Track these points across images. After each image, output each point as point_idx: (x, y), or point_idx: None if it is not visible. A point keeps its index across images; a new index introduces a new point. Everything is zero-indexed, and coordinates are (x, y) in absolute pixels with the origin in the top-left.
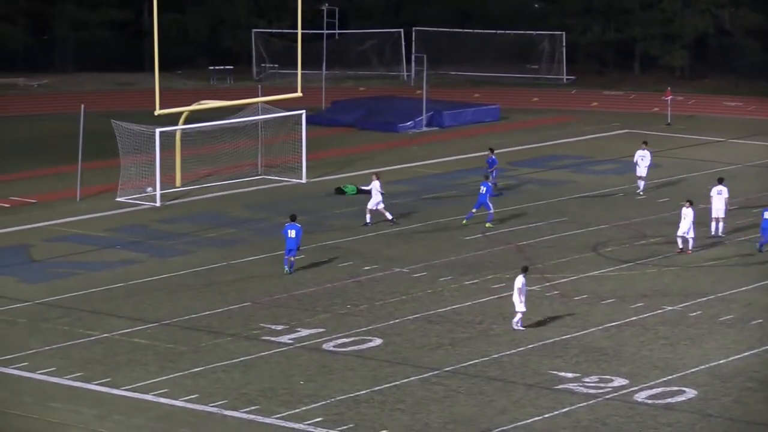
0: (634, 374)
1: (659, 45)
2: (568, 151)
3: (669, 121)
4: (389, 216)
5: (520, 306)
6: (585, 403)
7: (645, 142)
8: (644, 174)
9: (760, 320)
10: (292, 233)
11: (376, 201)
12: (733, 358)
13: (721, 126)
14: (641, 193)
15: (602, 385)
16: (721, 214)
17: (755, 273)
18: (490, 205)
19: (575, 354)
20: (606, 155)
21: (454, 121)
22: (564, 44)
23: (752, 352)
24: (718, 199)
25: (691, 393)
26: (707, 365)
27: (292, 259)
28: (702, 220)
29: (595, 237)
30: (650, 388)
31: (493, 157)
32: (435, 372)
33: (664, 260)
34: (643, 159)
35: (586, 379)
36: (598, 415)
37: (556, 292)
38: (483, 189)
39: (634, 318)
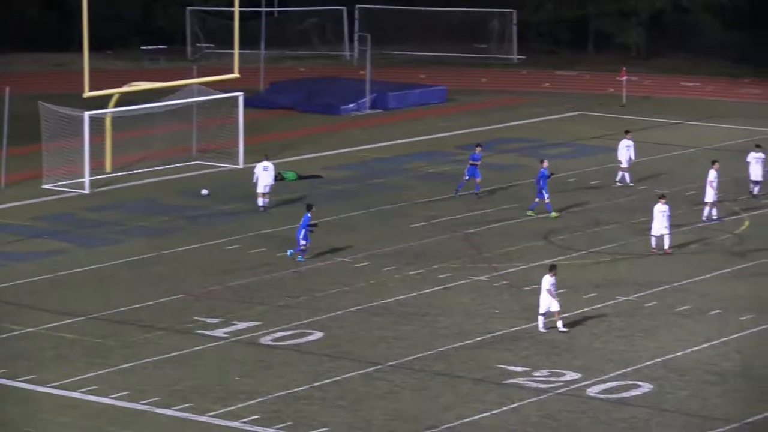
0: (587, 368)
1: (614, 23)
2: (518, 134)
3: (624, 102)
4: (262, 202)
5: (554, 305)
6: (535, 398)
7: (627, 131)
8: (626, 165)
9: (719, 310)
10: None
11: (264, 183)
12: (690, 350)
13: (678, 107)
14: (628, 183)
15: (553, 379)
16: (709, 198)
17: (713, 261)
18: (545, 193)
19: (525, 347)
20: (559, 138)
21: (399, 103)
22: (515, 22)
23: (710, 344)
24: (709, 184)
25: (646, 387)
26: (663, 358)
27: (304, 245)
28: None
29: (546, 224)
30: (603, 382)
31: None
32: (378, 367)
33: (618, 248)
34: (628, 148)
35: (537, 373)
36: (549, 411)
37: (504, 283)
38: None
39: (587, 309)
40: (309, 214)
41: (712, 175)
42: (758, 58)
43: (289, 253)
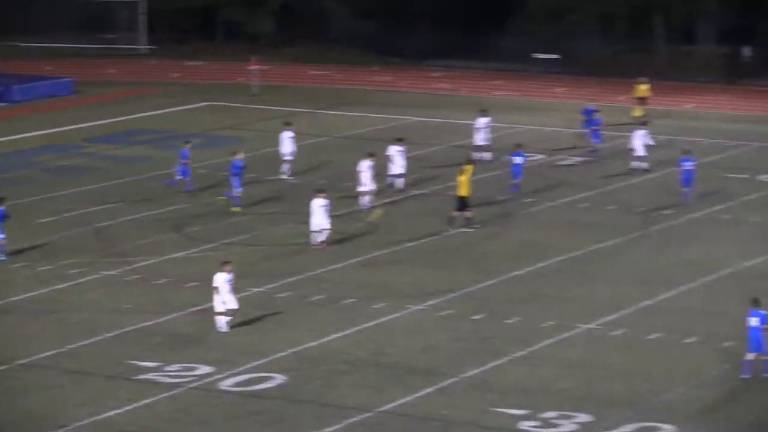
0: (220, 361)
1: (243, 12)
2: (148, 125)
3: (255, 91)
4: None
5: (219, 305)
6: (167, 393)
7: (288, 123)
8: (289, 156)
9: (353, 300)
10: None
11: None
12: (323, 340)
13: (309, 96)
14: (286, 176)
15: (186, 373)
16: (363, 188)
17: (348, 251)
18: (235, 186)
19: (157, 342)
20: (189, 129)
21: (25, 96)
22: (143, 12)
23: (343, 333)
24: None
25: (280, 378)
26: (297, 348)
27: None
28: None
29: (179, 216)
30: (237, 375)
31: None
32: (7, 366)
33: (251, 239)
34: (291, 140)
35: (169, 368)
36: (182, 406)
37: (136, 276)
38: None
39: None
40: (3, 207)
41: (364, 165)
42: (386, 46)
43: None
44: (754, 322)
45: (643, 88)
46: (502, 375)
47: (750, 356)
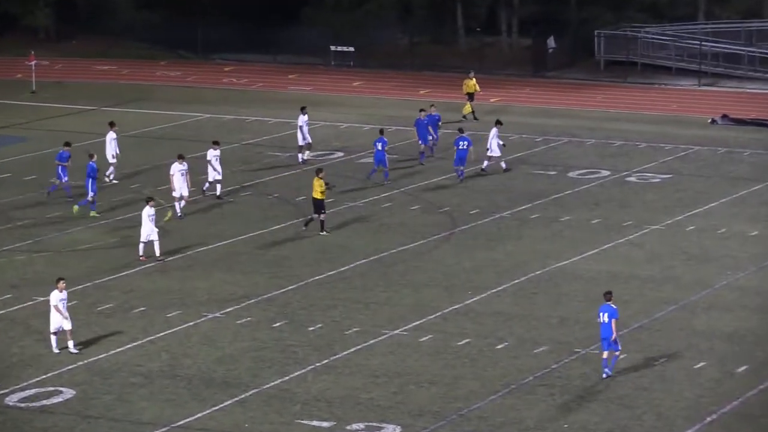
0: (4, 375)
1: (20, 4)
2: None
3: (34, 88)
4: None
5: (66, 323)
6: None
7: (111, 123)
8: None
9: (144, 308)
10: None
11: None
12: (114, 351)
13: (93, 92)
14: (112, 180)
15: None
16: (176, 194)
17: (129, 255)
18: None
19: None
20: None
21: None
22: None
23: (136, 343)
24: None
25: (69, 393)
26: (86, 361)
27: None
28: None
29: None
30: (23, 389)
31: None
32: None
33: (34, 245)
34: (115, 141)
35: None
36: None
37: None
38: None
39: (3, 312)
40: None
41: (175, 168)
42: (173, 40)
43: None
44: (603, 317)
45: (471, 83)
46: (305, 385)
47: (605, 354)
